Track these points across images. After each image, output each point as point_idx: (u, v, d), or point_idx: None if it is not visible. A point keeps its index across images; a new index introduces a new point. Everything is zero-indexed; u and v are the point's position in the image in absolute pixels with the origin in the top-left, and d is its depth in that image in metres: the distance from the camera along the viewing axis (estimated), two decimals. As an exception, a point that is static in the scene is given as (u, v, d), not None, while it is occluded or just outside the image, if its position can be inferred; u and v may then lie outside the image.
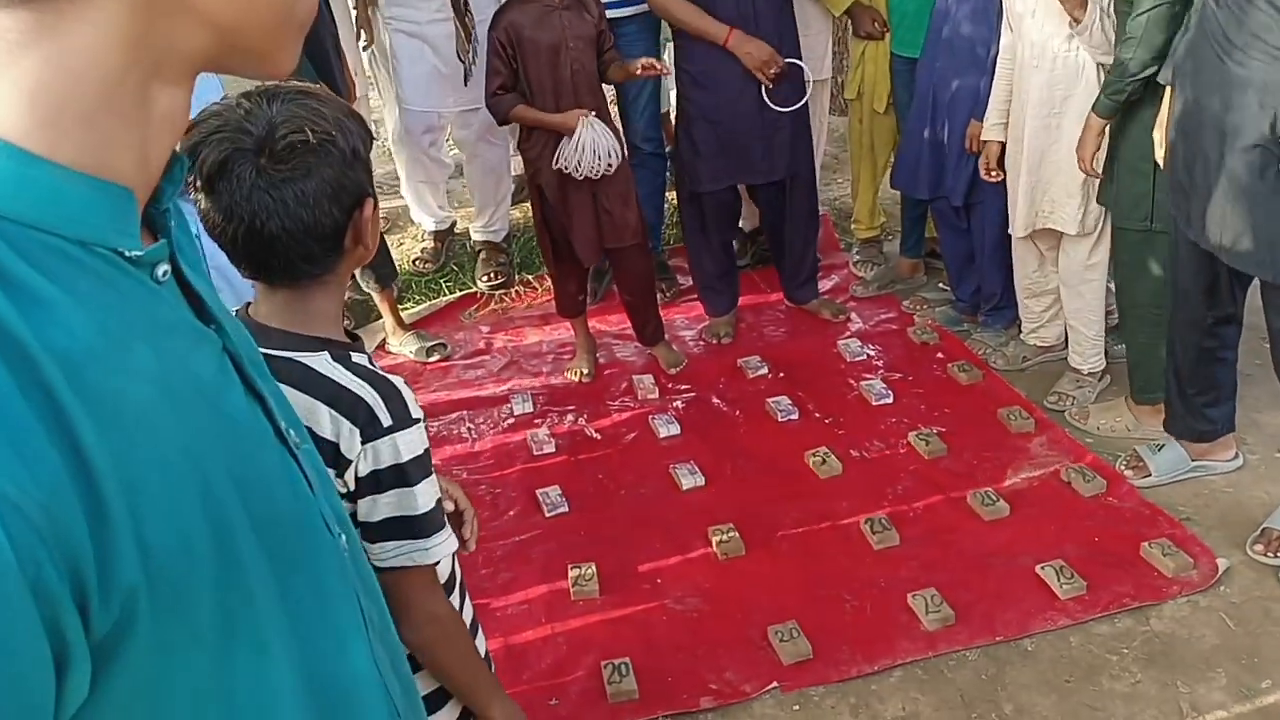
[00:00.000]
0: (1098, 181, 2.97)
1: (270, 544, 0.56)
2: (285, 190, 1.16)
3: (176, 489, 0.50)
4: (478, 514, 1.67)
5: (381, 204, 2.03)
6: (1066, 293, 3.23)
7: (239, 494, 0.54)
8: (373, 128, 2.81)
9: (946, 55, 3.32)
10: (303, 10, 0.59)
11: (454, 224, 4.34)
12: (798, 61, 3.33)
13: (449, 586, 1.49)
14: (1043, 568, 2.50)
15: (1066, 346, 3.32)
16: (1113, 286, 3.33)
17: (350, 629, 0.65)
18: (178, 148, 0.59)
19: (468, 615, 1.58)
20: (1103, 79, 2.88)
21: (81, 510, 0.45)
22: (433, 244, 4.25)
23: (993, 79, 3.19)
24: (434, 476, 1.33)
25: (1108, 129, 2.81)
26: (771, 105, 3.31)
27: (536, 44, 3.10)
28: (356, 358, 1.30)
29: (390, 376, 1.31)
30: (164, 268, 0.56)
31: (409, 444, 1.27)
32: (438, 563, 1.37)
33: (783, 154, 3.46)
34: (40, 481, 0.43)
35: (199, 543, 0.51)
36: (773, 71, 3.27)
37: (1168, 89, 2.54)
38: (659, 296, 3.96)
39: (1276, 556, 2.49)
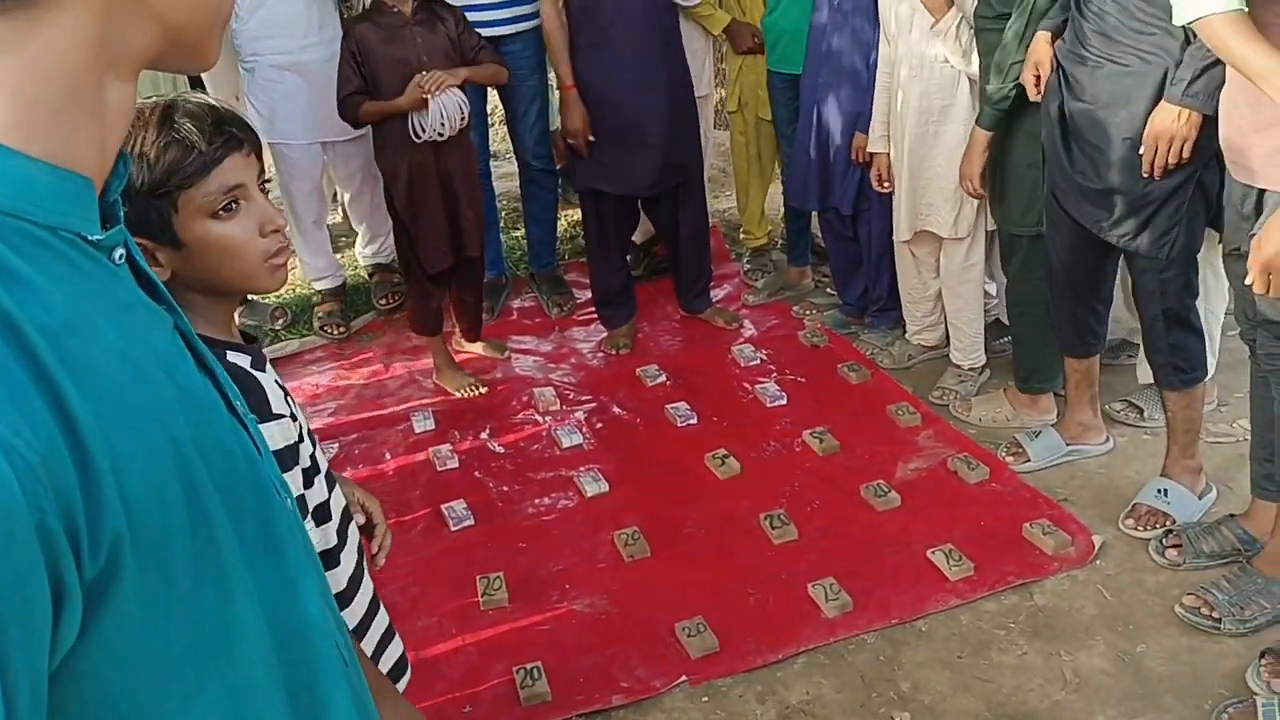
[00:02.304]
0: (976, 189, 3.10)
1: (230, 502, 0.61)
2: None
3: (150, 449, 0.54)
4: (391, 530, 1.70)
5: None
6: (947, 293, 3.37)
7: (201, 456, 0.59)
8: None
9: (827, 70, 3.42)
10: (226, 7, 0.66)
11: (345, 281, 4.15)
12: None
13: (349, 594, 1.51)
14: (933, 552, 2.62)
15: (948, 346, 3.46)
16: (990, 289, 3.51)
17: (302, 580, 0.70)
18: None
19: (381, 625, 1.60)
20: (974, 90, 3.02)
21: (72, 464, 0.49)
22: (336, 305, 4.02)
23: (872, 91, 3.31)
24: (296, 472, 1.36)
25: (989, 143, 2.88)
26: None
27: (388, 60, 3.09)
28: (232, 356, 1.32)
29: (258, 374, 1.34)
30: (120, 251, 0.61)
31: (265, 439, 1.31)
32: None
33: (678, 160, 3.53)
34: (40, 436, 0.48)
35: (173, 498, 0.55)
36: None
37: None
38: (556, 312, 4.02)
39: (1146, 530, 2.65)
